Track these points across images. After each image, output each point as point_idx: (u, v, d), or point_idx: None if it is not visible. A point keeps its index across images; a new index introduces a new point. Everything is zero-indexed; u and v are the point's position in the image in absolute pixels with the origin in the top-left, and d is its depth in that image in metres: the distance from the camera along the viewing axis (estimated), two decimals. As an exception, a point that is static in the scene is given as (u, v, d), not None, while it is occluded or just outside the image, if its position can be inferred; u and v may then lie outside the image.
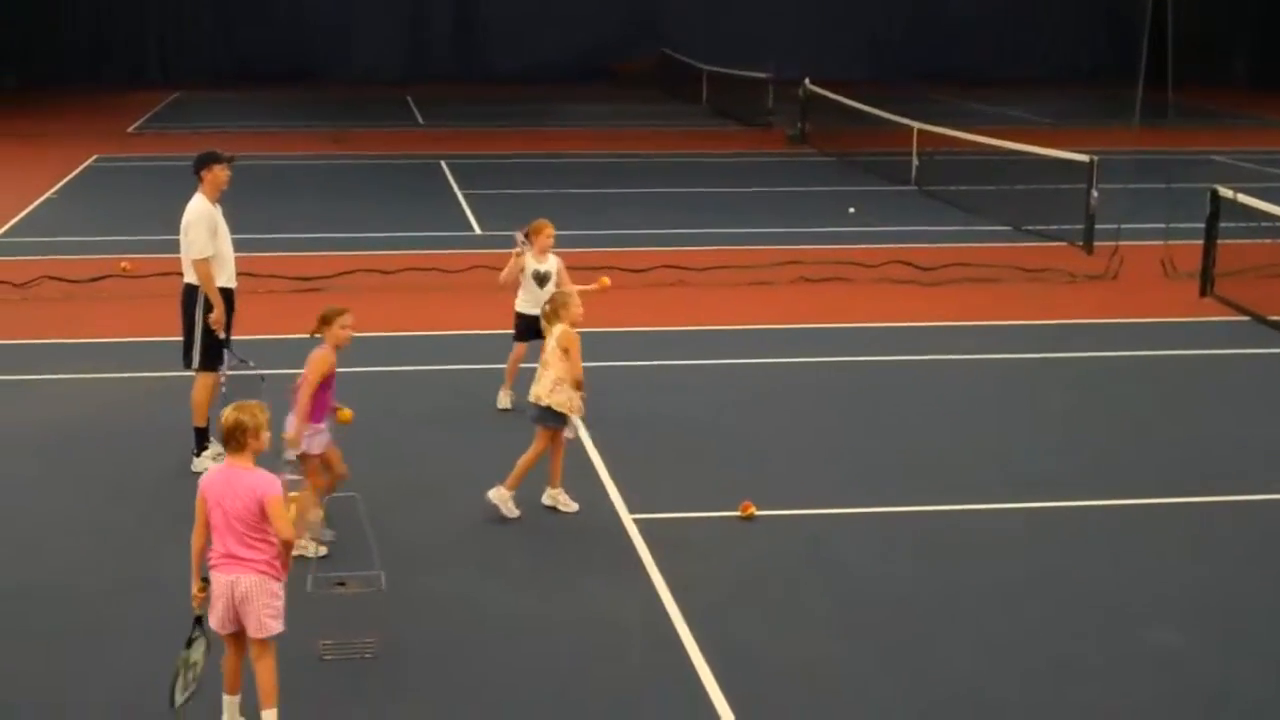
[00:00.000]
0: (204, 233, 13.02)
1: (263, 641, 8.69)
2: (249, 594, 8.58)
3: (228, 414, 8.69)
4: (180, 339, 13.38)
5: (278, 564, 8.62)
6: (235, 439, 8.60)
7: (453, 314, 19.09)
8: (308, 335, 11.74)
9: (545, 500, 12.45)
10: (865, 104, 33.95)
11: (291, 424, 11.16)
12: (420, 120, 44.01)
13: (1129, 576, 11.30)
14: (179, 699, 8.65)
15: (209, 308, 13.05)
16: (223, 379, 13.23)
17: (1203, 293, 20.47)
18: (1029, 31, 58.33)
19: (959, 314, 19.46)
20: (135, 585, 10.90)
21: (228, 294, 13.28)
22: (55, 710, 9.17)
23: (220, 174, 13.29)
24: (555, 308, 12.41)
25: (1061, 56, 58.66)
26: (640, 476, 13.12)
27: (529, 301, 14.63)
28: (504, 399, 14.96)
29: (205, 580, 8.70)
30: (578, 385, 12.07)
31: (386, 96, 49.22)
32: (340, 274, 20.76)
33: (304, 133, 39.27)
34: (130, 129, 40.68)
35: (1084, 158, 23.74)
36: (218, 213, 13.26)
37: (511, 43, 56.14)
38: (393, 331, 18.09)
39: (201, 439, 13.29)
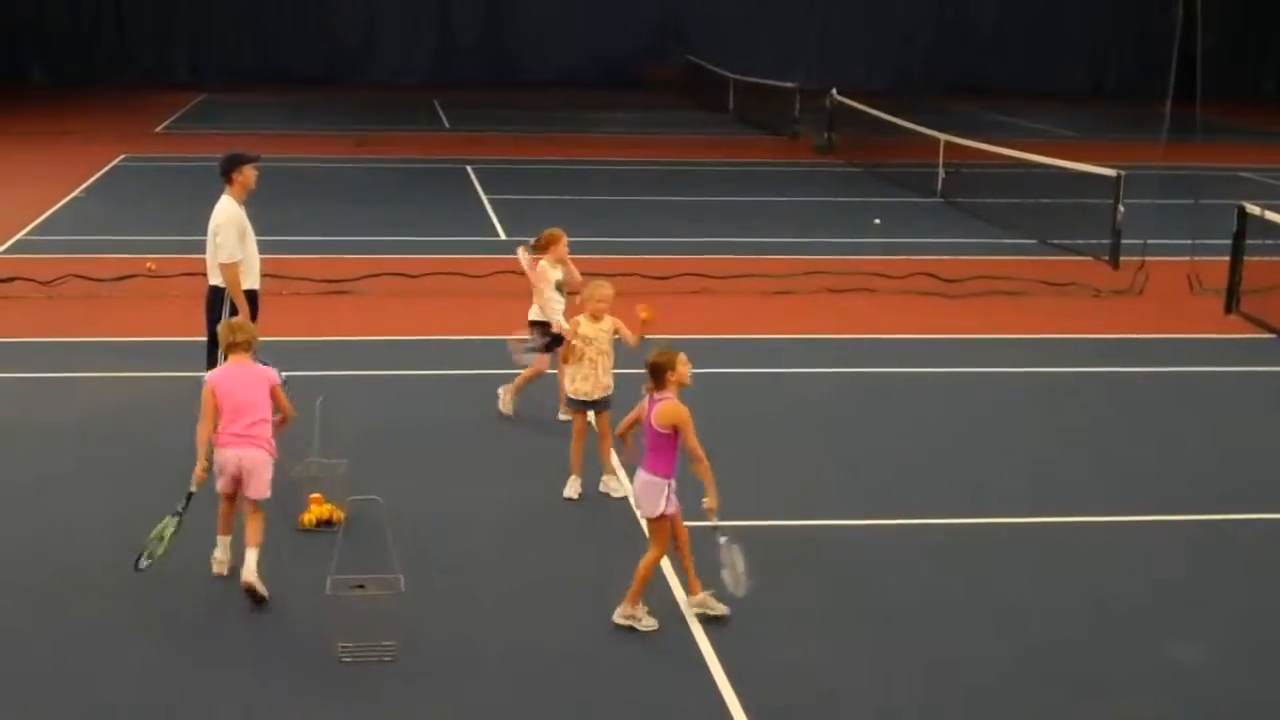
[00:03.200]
0: (234, 236, 13.04)
1: (255, 501, 10.66)
2: (255, 465, 10.61)
3: (223, 330, 11.19)
4: (205, 339, 13.40)
5: (273, 442, 10.71)
6: (241, 344, 10.85)
7: (476, 319, 19.09)
8: (338, 338, 11.70)
9: (600, 488, 12.89)
10: (892, 115, 33.91)
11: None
12: (446, 124, 44.07)
13: (1152, 592, 11.26)
14: (143, 564, 10.50)
15: (235, 311, 13.07)
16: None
17: (1228, 309, 20.40)
18: (1056, 45, 58.24)
19: (983, 327, 19.42)
20: (154, 579, 10.90)
21: (252, 295, 13.30)
22: (76, 705, 9.20)
23: (250, 175, 13.33)
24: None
25: (1089, 70, 58.62)
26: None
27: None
28: (506, 403, 14.97)
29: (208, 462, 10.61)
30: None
31: (413, 100, 49.32)
32: (365, 277, 20.80)
33: (330, 135, 39.34)
34: (158, 129, 40.80)
35: (1110, 172, 23.69)
36: (244, 215, 13.29)
37: (539, 48, 56.23)
38: (416, 335, 18.12)
39: None
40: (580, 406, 12.95)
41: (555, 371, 14.54)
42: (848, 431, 15.05)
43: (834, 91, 37.70)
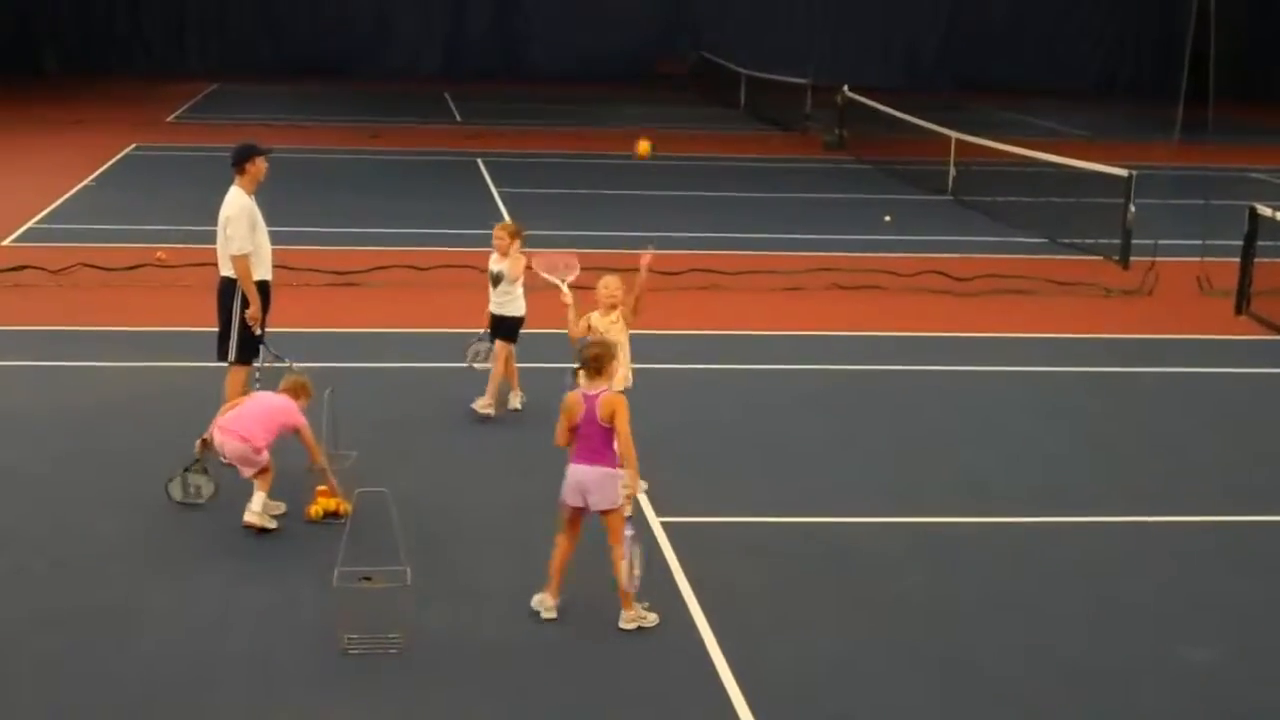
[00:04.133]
0: (244, 227, 13.03)
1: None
2: (236, 456, 11.72)
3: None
4: (216, 330, 13.40)
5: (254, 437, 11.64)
6: (289, 389, 11.95)
7: (484, 312, 19.06)
8: (347, 330, 11.75)
9: None
10: (903, 112, 33.89)
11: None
12: (457, 117, 44.08)
13: (1160, 593, 11.25)
14: (177, 495, 12.04)
15: (246, 303, 13.07)
16: (256, 373, 13.26)
17: (1238, 310, 20.38)
18: (1068, 44, 58.21)
19: (992, 325, 19.41)
20: (161, 567, 10.93)
21: (264, 286, 13.30)
22: (86, 696, 9.22)
23: (261, 167, 13.33)
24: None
25: (1101, 70, 58.58)
26: (667, 479, 13.09)
27: (493, 301, 14.91)
28: (482, 405, 14.73)
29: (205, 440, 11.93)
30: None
31: (424, 92, 49.34)
32: (375, 269, 20.81)
33: (341, 127, 39.37)
34: (169, 118, 40.85)
35: (1122, 172, 23.66)
36: (255, 206, 13.30)
37: (550, 41, 56.28)
38: (425, 328, 18.12)
39: None
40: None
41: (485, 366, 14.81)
42: (856, 429, 15.04)
43: (846, 88, 37.68)
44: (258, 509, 11.65)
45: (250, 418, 11.76)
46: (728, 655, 9.87)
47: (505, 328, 14.75)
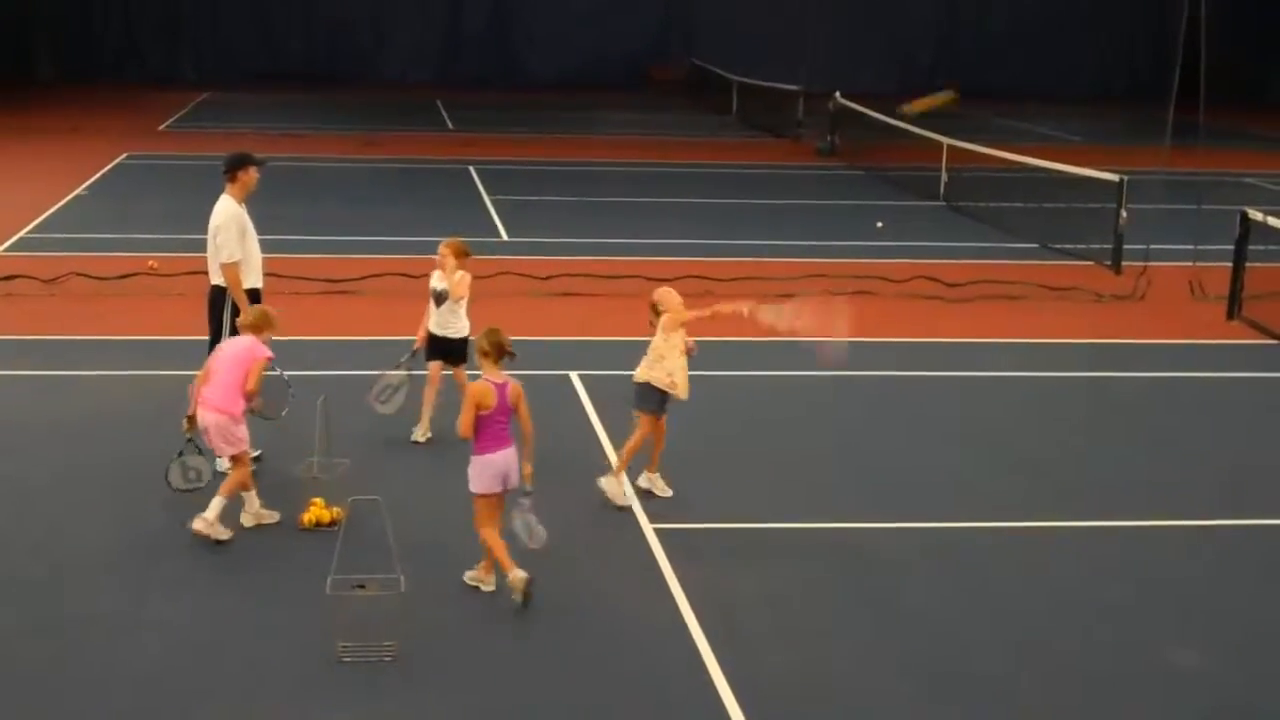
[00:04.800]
0: (233, 236, 13.04)
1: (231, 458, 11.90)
2: (210, 426, 11.77)
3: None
4: (206, 338, 13.40)
5: (234, 405, 11.75)
6: (246, 325, 12.09)
7: (479, 319, 19.02)
8: (340, 338, 11.76)
9: (641, 483, 12.90)
10: (895, 119, 33.89)
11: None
12: (450, 125, 44.07)
13: (1152, 596, 11.26)
14: (178, 482, 12.05)
15: (236, 311, 13.07)
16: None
17: (1230, 315, 20.40)
18: (1060, 50, 58.20)
19: (984, 331, 19.42)
20: (154, 575, 10.92)
21: (255, 294, 13.31)
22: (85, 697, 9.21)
23: (252, 176, 13.34)
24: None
25: (1092, 75, 58.57)
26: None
27: (434, 322, 14.17)
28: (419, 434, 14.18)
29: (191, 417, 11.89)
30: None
31: (417, 100, 49.33)
32: (367, 277, 20.80)
33: (334, 135, 39.35)
34: (161, 127, 40.80)
35: (1113, 177, 23.68)
36: (245, 214, 13.29)
37: (543, 49, 56.27)
38: (416, 335, 18.08)
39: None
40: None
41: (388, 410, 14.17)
42: (849, 434, 15.05)
43: (838, 94, 37.71)
44: (211, 517, 11.51)
45: (222, 385, 11.77)
46: (722, 663, 9.87)
47: (452, 350, 14.05)
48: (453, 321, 14.05)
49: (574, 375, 16.42)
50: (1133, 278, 21.98)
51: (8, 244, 23.43)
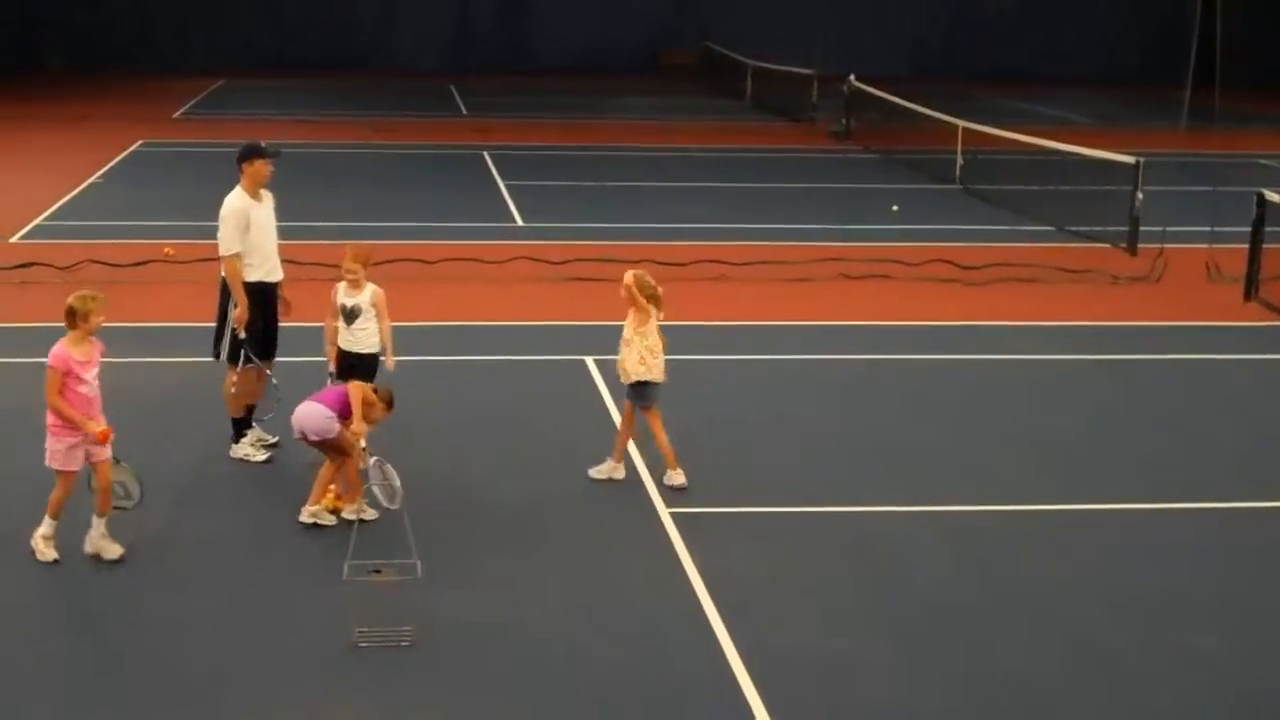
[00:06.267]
0: (232, 229, 12.99)
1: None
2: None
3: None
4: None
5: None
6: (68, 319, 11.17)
7: (493, 305, 19.09)
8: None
9: (665, 481, 12.80)
10: (910, 101, 33.83)
11: (325, 415, 11.63)
12: (463, 110, 44.04)
13: (1170, 579, 11.23)
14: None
15: (235, 303, 13.05)
16: (273, 379, 13.28)
17: (1247, 297, 20.34)
18: (1074, 31, 58.05)
19: (1000, 314, 19.38)
20: (170, 563, 10.93)
21: (261, 288, 13.18)
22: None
23: (261, 168, 13.20)
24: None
25: (1107, 57, 58.36)
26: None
27: (343, 338, 12.85)
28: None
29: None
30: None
31: (430, 86, 49.29)
32: (381, 263, 20.72)
33: (346, 121, 39.34)
34: (175, 114, 40.83)
35: (1129, 159, 23.61)
36: (260, 206, 13.18)
37: (556, 33, 56.21)
38: (431, 321, 18.10)
39: (238, 428, 13.32)
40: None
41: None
42: (864, 418, 15.02)
43: (851, 77, 37.63)
44: (97, 535, 11.07)
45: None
46: (739, 647, 9.86)
47: (363, 366, 12.71)
48: (365, 335, 12.78)
49: (589, 360, 16.41)
50: (1149, 260, 21.92)
51: (23, 232, 23.47)
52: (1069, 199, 25.36)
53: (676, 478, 12.70)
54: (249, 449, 13.23)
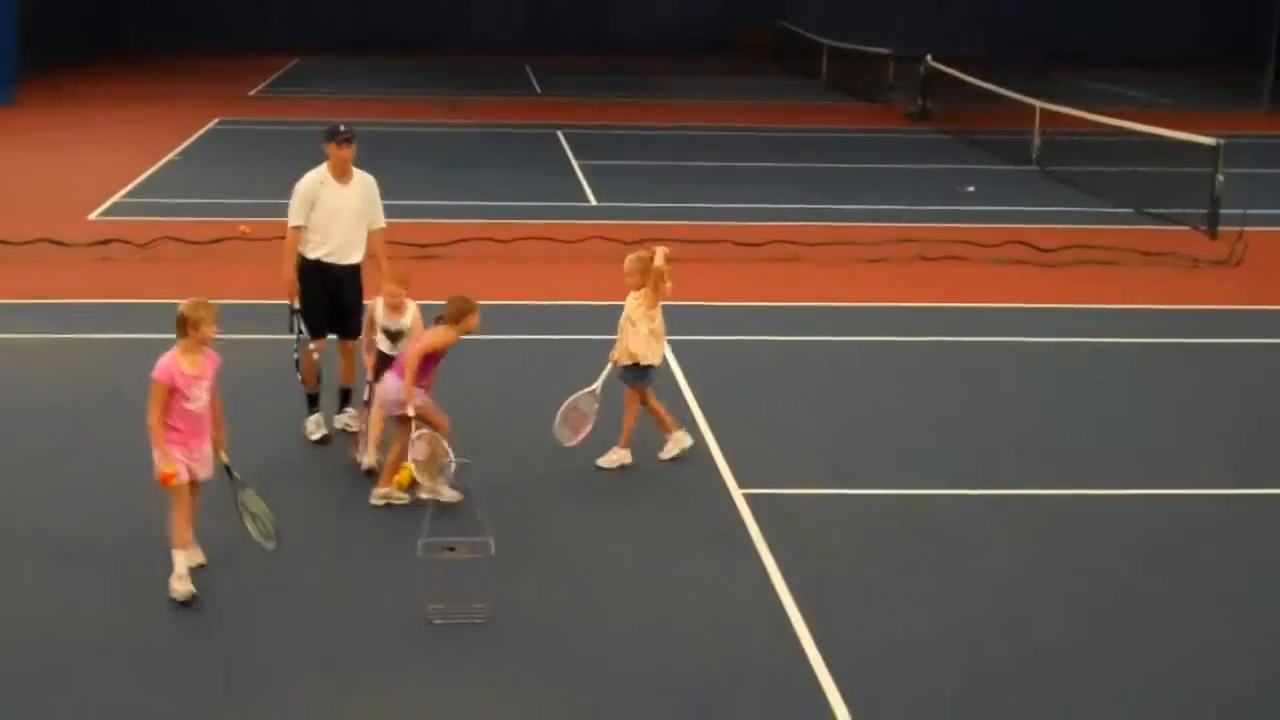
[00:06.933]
0: (295, 204, 13.13)
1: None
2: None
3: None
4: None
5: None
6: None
7: (567, 284, 19.09)
8: (428, 302, 11.79)
9: (662, 455, 12.73)
10: (987, 82, 33.57)
11: (398, 387, 11.52)
12: (538, 89, 44.09)
13: (1241, 563, 11.11)
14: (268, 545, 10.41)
15: (301, 277, 13.14)
16: (295, 351, 13.28)
17: (1330, 281, 20.11)
18: (1156, 12, 57.42)
19: (1077, 296, 19.21)
20: (245, 541, 11.00)
21: (328, 268, 13.18)
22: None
23: (333, 151, 13.18)
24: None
25: (1184, 38, 57.69)
26: (751, 451, 13.08)
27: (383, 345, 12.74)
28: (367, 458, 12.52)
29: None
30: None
31: (505, 65, 49.38)
32: (455, 241, 20.85)
33: (422, 100, 39.45)
34: (251, 92, 41.10)
35: (1209, 140, 23.35)
36: (338, 188, 13.11)
37: (631, 12, 56.17)
38: (506, 300, 18.11)
39: (310, 403, 13.38)
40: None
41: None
42: (940, 401, 14.93)
43: (928, 57, 37.40)
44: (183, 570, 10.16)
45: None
46: (811, 627, 9.82)
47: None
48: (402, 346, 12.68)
49: (663, 340, 16.37)
50: (1229, 243, 21.67)
51: (102, 209, 23.69)
52: (1148, 181, 25.12)
53: (622, 457, 12.64)
54: (312, 425, 13.28)
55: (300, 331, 13.30)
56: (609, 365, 12.70)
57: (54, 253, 20.04)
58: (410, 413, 11.39)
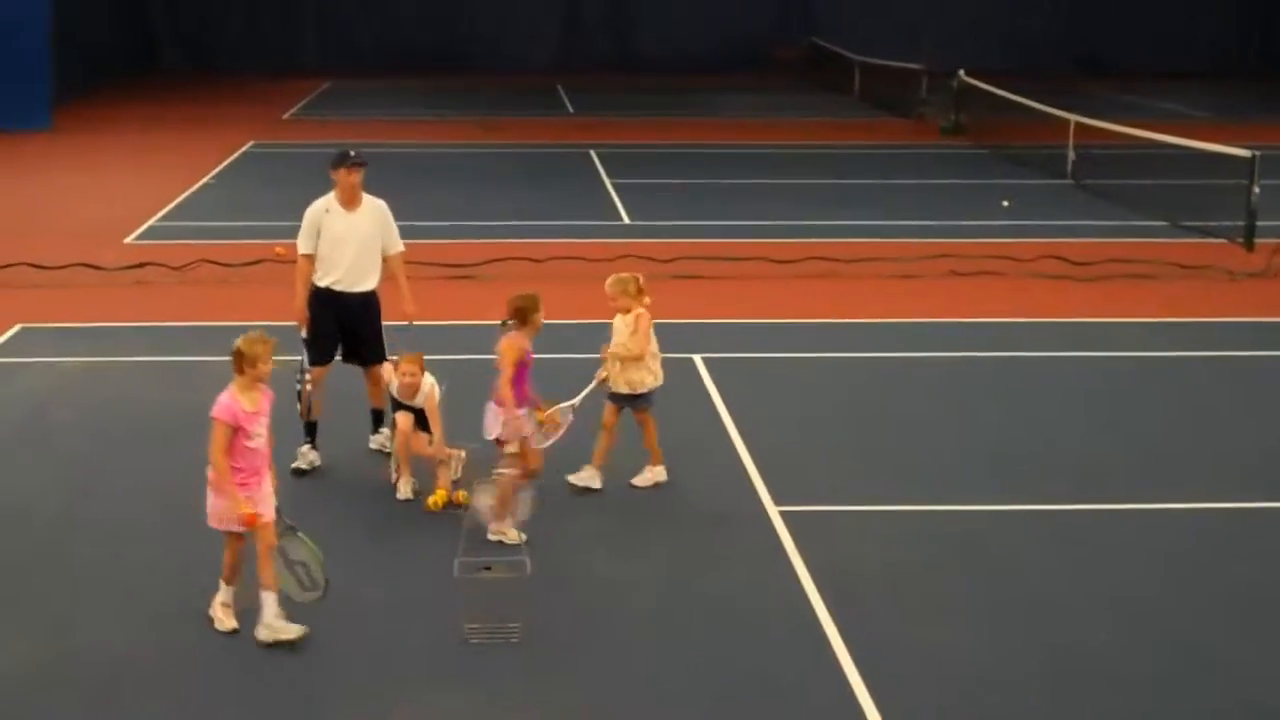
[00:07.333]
0: (302, 231, 13.05)
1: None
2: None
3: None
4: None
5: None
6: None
7: (600, 303, 19.02)
8: (463, 323, 11.77)
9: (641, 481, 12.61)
10: (1020, 96, 33.49)
11: (498, 414, 11.41)
12: (570, 109, 44.16)
13: (1285, 580, 11.05)
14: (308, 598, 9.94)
15: (311, 303, 13.05)
16: (300, 376, 13.09)
17: (1367, 292, 19.98)
18: (1189, 24, 57.16)
19: (1113, 310, 19.12)
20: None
21: (338, 296, 13.04)
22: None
23: (342, 178, 13.11)
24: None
25: (1219, 49, 57.42)
26: (787, 467, 13.06)
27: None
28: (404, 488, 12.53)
29: None
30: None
31: (538, 85, 49.46)
32: (489, 261, 20.89)
33: (455, 121, 39.55)
34: (285, 115, 41.26)
35: (1245, 152, 23.25)
36: (345, 216, 13.01)
37: (663, 31, 56.17)
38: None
39: (306, 432, 13.24)
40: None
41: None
42: (976, 416, 14.88)
43: (961, 72, 37.34)
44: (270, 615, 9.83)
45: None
46: (849, 645, 9.79)
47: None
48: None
49: (697, 358, 16.37)
50: (1266, 255, 21.55)
51: (138, 232, 23.81)
52: (1183, 193, 25.02)
53: (657, 475, 12.56)
54: (306, 449, 13.17)
55: (303, 361, 13.13)
56: (593, 383, 12.59)
57: (90, 276, 20.15)
58: (512, 448, 11.36)
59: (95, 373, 16.08)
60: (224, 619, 9.92)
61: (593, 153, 33.24)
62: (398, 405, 12.60)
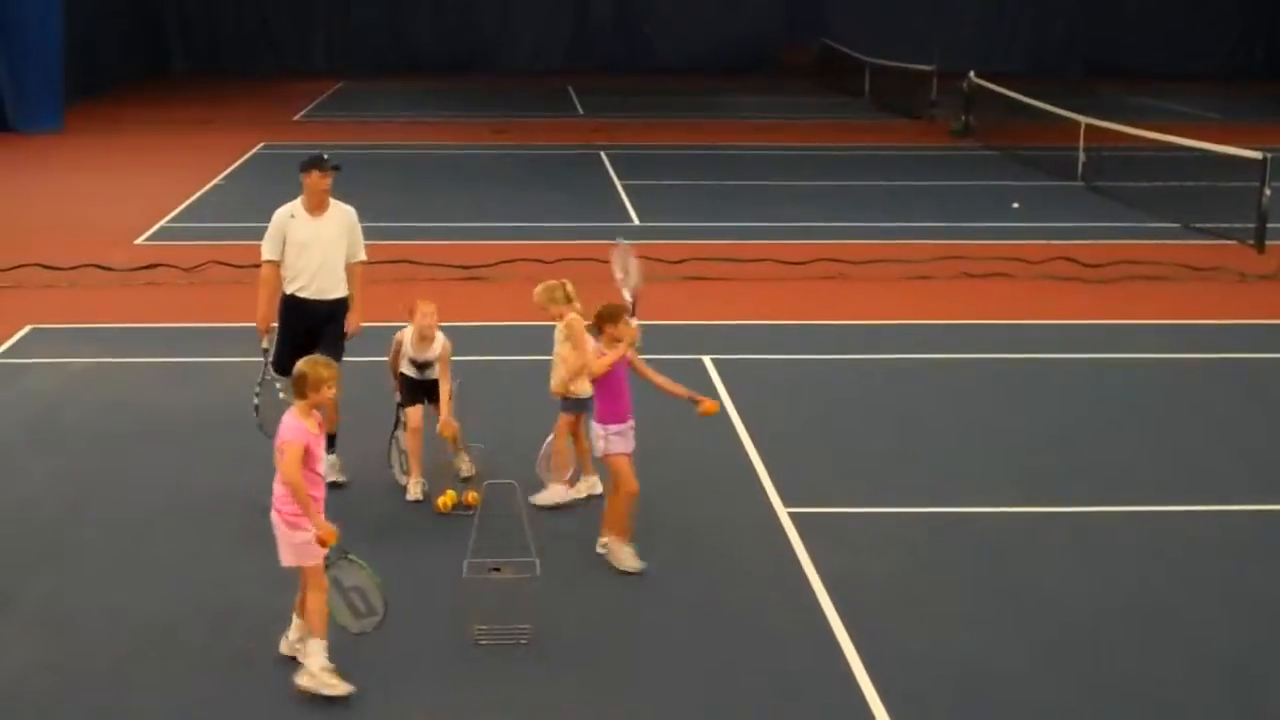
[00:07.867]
0: (267, 237, 13.00)
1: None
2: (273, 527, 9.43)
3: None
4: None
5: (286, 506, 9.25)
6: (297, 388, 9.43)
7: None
8: (472, 324, 11.76)
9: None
10: (1031, 98, 33.45)
11: (599, 431, 11.38)
12: (580, 110, 44.14)
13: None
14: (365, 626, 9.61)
15: (280, 311, 12.82)
16: (256, 390, 12.83)
17: (1379, 295, 19.94)
18: (1200, 26, 57.04)
19: (1124, 312, 19.09)
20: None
21: (304, 304, 12.80)
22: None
23: (314, 181, 13.02)
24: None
25: (1234, 52, 57.35)
26: (797, 470, 13.04)
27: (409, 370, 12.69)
28: (414, 488, 12.49)
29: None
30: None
31: (547, 86, 49.44)
32: (499, 263, 20.88)
33: (465, 122, 39.55)
34: (296, 117, 41.27)
35: (1256, 154, 23.21)
36: (311, 222, 13.00)
37: (673, 33, 56.13)
38: (550, 321, 18.10)
39: None
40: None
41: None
42: (987, 418, 14.85)
43: (971, 74, 37.30)
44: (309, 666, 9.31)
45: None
46: (860, 648, 9.77)
47: (431, 389, 12.55)
48: (431, 374, 12.66)
49: (706, 360, 16.36)
50: (1278, 257, 21.51)
51: (149, 233, 23.83)
52: (1194, 195, 24.99)
53: (592, 485, 12.44)
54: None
55: (265, 372, 12.80)
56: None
57: (100, 277, 20.18)
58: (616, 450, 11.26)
59: (105, 373, 16.09)
60: (334, 683, 9.17)
61: (603, 154, 33.23)
62: (410, 394, 12.49)
